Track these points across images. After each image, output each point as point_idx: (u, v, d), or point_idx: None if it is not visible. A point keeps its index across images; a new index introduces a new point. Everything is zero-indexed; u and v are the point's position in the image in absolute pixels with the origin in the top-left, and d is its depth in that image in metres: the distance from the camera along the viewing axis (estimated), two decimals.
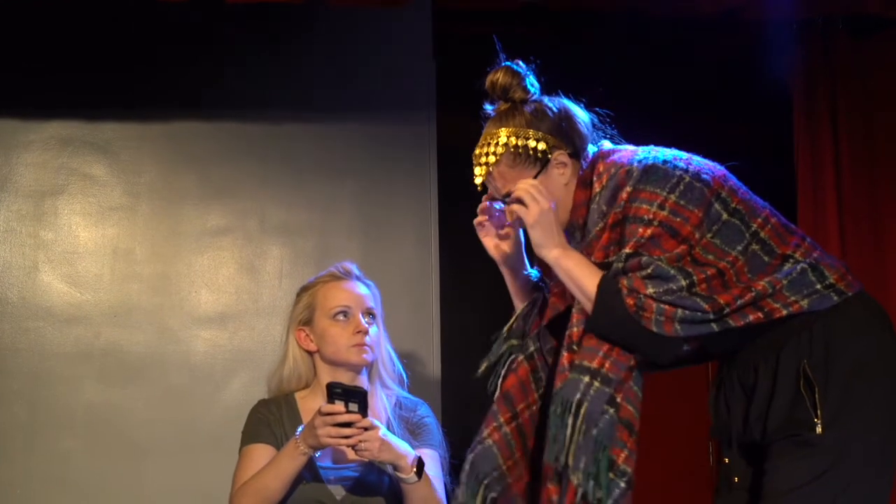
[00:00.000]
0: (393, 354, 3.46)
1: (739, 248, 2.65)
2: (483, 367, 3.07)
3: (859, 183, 4.27)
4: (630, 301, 2.59)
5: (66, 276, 4.30)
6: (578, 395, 2.61)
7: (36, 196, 4.33)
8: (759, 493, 2.68)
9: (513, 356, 3.01)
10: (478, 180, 2.87)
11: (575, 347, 2.69)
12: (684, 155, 2.75)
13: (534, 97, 2.86)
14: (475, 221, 3.02)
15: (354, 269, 3.46)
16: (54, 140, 4.36)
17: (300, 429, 3.17)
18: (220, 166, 4.39)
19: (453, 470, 3.36)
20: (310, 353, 3.46)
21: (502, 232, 2.99)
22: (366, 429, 3.06)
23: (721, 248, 2.64)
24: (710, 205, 2.66)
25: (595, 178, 2.78)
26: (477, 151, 2.87)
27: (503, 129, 2.82)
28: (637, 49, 4.71)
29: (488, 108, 2.90)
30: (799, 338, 2.64)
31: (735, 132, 4.58)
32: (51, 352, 4.25)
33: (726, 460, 2.87)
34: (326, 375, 3.40)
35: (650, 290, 2.57)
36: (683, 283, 2.56)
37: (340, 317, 3.37)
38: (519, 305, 3.06)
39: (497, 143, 2.81)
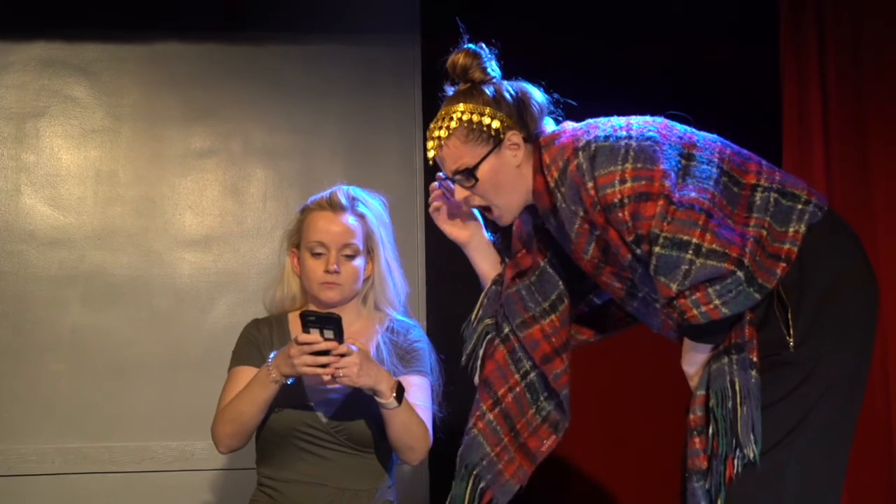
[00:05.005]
0: (391, 278, 3.42)
1: (712, 182, 2.65)
2: (464, 357, 3.10)
3: (845, 100, 4.22)
4: (682, 319, 2.61)
5: (49, 199, 4.28)
6: (728, 377, 2.65)
7: (17, 118, 4.30)
8: None
9: (489, 336, 3.06)
10: (430, 154, 2.88)
11: (699, 430, 2.72)
12: (622, 122, 2.75)
13: (493, 79, 2.87)
14: (430, 209, 3.05)
15: (344, 198, 3.39)
16: (35, 61, 4.32)
17: (273, 355, 3.17)
18: (203, 88, 4.37)
19: (445, 397, 3.39)
20: (300, 276, 3.45)
21: (460, 212, 3.03)
22: (342, 355, 3.06)
23: (698, 184, 2.63)
24: (665, 155, 2.66)
25: (545, 170, 2.80)
26: (431, 126, 2.88)
27: (459, 105, 2.84)
28: None
29: (448, 89, 2.90)
30: None
31: (720, 47, 4.54)
32: (35, 275, 4.25)
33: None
34: (313, 303, 3.40)
35: (674, 288, 2.56)
36: (688, 254, 2.54)
37: (317, 251, 3.35)
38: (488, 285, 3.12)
39: (452, 119, 2.83)
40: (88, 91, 4.33)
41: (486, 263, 3.11)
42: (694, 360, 2.73)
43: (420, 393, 3.29)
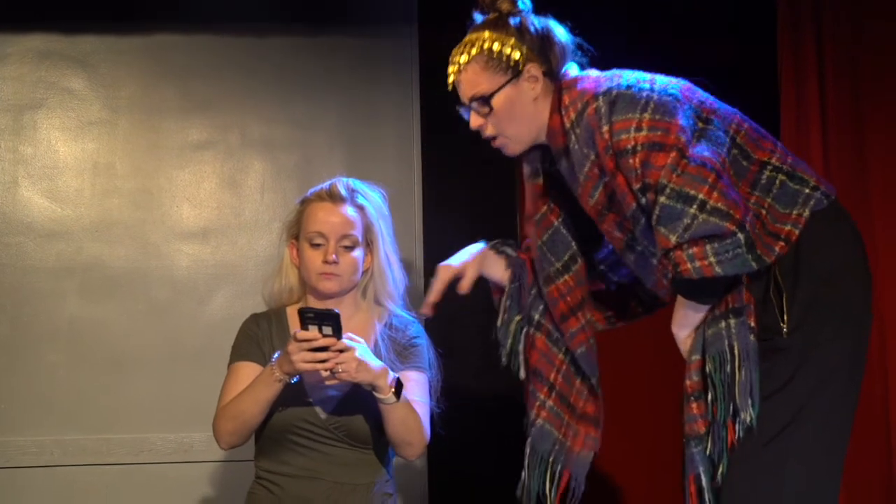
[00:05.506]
0: (390, 270, 3.42)
1: (724, 150, 2.66)
2: (503, 357, 3.15)
3: (843, 95, 4.23)
4: (676, 273, 2.60)
5: (47, 191, 4.28)
6: (727, 341, 2.66)
7: (14, 110, 4.29)
8: None
9: (524, 330, 3.09)
10: (450, 79, 2.90)
11: (696, 396, 2.73)
12: (647, 76, 2.76)
13: (520, 11, 2.88)
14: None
15: (343, 189, 3.39)
16: (32, 53, 4.31)
17: (276, 355, 3.18)
18: (200, 79, 4.36)
19: (444, 393, 3.39)
20: (298, 267, 3.45)
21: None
22: (341, 351, 3.06)
23: (710, 146, 2.64)
24: (684, 113, 2.66)
25: (563, 111, 2.81)
26: (454, 51, 2.90)
27: (483, 32, 2.85)
28: None
29: (477, 16, 2.91)
30: None
31: (718, 44, 4.54)
32: (32, 267, 4.24)
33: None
34: (311, 294, 3.40)
35: (673, 240, 2.55)
36: (692, 208, 2.54)
37: (316, 242, 3.35)
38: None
39: (474, 46, 2.85)
40: (86, 83, 4.33)
41: (498, 271, 3.15)
42: (684, 321, 2.74)
43: (418, 389, 3.29)
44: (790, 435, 2.62)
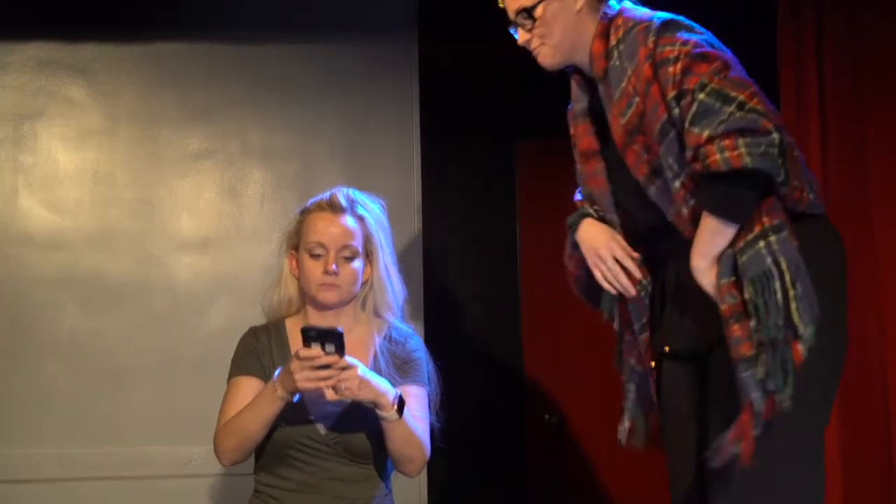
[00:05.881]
0: (389, 282, 3.40)
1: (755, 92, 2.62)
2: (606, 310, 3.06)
3: (843, 102, 4.22)
4: (702, 167, 2.53)
5: (46, 201, 4.26)
6: (770, 259, 2.57)
7: (14, 119, 4.28)
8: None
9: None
10: None
11: (738, 317, 2.62)
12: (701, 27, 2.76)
13: None
14: None
15: (344, 200, 3.38)
16: (32, 62, 4.31)
17: (277, 372, 3.15)
18: (200, 89, 4.35)
19: (442, 406, 3.36)
20: (298, 278, 3.43)
21: None
22: (343, 368, 3.04)
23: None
24: (734, 59, 2.65)
25: (612, 31, 2.80)
26: None
27: None
28: None
29: None
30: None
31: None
32: (32, 277, 4.23)
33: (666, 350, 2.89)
34: (311, 305, 3.38)
35: (706, 134, 2.51)
36: (731, 107, 2.50)
37: (316, 253, 3.33)
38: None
39: None
40: (86, 92, 4.32)
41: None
42: (706, 249, 2.63)
43: (417, 403, 3.27)
44: (767, 441, 2.58)
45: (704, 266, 2.64)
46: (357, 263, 3.34)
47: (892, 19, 4.11)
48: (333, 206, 3.36)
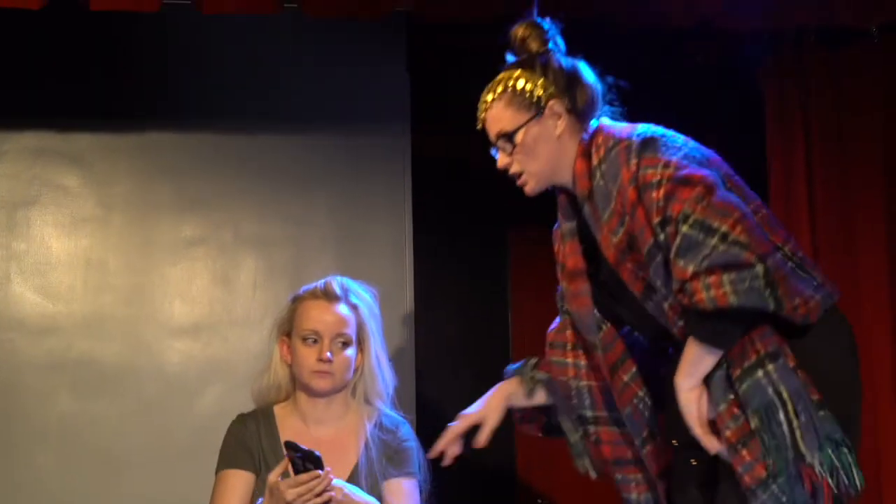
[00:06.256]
0: (380, 370, 3.42)
1: (752, 208, 2.64)
2: (576, 462, 3.10)
3: (831, 190, 4.30)
4: (690, 302, 2.54)
5: (39, 287, 4.28)
6: (771, 389, 2.58)
7: (8, 207, 4.31)
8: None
9: (580, 432, 3.05)
10: (479, 117, 2.93)
11: (739, 447, 2.62)
12: (682, 136, 2.78)
13: (549, 50, 2.92)
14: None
15: (338, 288, 3.40)
16: (27, 151, 4.33)
17: (259, 501, 3.16)
18: (193, 177, 4.38)
19: (431, 496, 3.36)
20: (290, 365, 3.44)
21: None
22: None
23: (740, 197, 2.64)
24: (713, 172, 2.66)
25: (594, 150, 2.81)
26: (484, 91, 2.94)
27: (508, 72, 2.90)
28: (609, 59, 4.71)
29: (509, 58, 2.95)
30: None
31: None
32: (23, 363, 4.23)
33: (674, 442, 2.88)
34: (301, 392, 3.39)
35: (691, 269, 2.51)
36: (714, 239, 2.50)
37: (310, 340, 3.35)
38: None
39: (499, 84, 2.89)
40: (80, 180, 4.34)
41: (536, 399, 3.12)
42: (692, 369, 2.63)
43: (409, 500, 3.27)
44: None
45: (688, 386, 2.66)
46: (350, 351, 3.36)
47: (878, 109, 4.22)
48: (328, 294, 3.39)
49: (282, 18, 4.11)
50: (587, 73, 2.92)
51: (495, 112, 2.89)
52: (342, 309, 3.37)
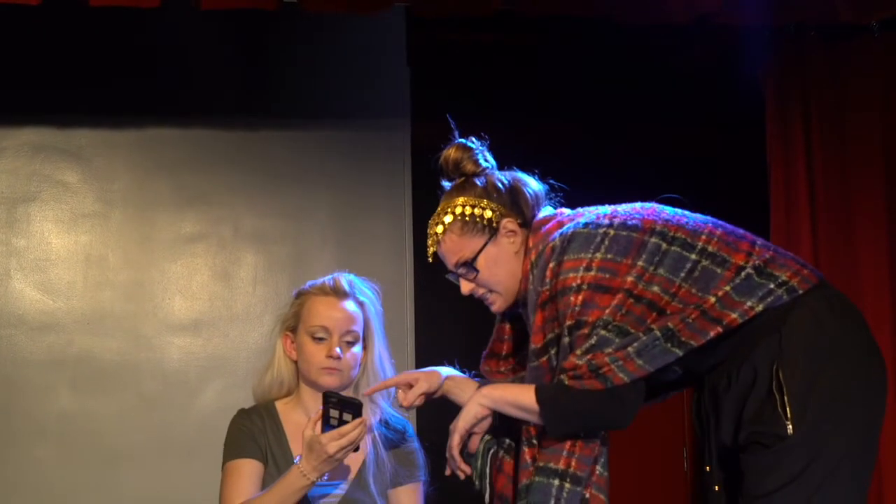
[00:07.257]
0: (383, 368, 3.40)
1: (683, 273, 2.66)
2: (475, 480, 3.05)
3: (831, 188, 4.29)
4: (575, 384, 2.62)
5: (39, 284, 4.28)
6: (552, 501, 2.66)
7: (8, 203, 4.31)
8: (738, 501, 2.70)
9: (492, 451, 3.02)
10: (430, 250, 2.92)
11: (535, 442, 2.75)
12: (608, 210, 2.78)
13: (485, 170, 2.90)
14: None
15: (346, 285, 3.38)
16: (27, 147, 4.34)
17: (297, 459, 3.14)
18: (193, 173, 4.39)
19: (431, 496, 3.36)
20: (294, 360, 3.43)
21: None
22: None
23: (667, 276, 2.65)
24: (644, 245, 2.67)
25: (528, 253, 2.84)
26: (429, 223, 2.91)
27: (453, 199, 2.87)
28: (610, 56, 4.72)
29: (445, 184, 2.93)
30: (768, 340, 2.65)
31: (708, 139, 4.60)
32: (23, 359, 4.23)
33: (707, 468, 2.87)
34: (306, 387, 3.38)
35: (596, 356, 2.60)
36: (622, 340, 2.61)
37: (318, 336, 3.34)
38: None
39: (446, 213, 2.86)
40: (80, 176, 4.35)
41: (466, 394, 3.08)
42: (499, 404, 2.79)
43: (414, 502, 3.28)
44: None
45: (487, 403, 2.81)
46: (357, 348, 3.34)
47: (875, 109, 4.21)
48: (337, 291, 3.36)
49: (279, 13, 4.11)
50: (528, 182, 2.92)
51: (449, 244, 2.87)
52: (350, 306, 3.34)
